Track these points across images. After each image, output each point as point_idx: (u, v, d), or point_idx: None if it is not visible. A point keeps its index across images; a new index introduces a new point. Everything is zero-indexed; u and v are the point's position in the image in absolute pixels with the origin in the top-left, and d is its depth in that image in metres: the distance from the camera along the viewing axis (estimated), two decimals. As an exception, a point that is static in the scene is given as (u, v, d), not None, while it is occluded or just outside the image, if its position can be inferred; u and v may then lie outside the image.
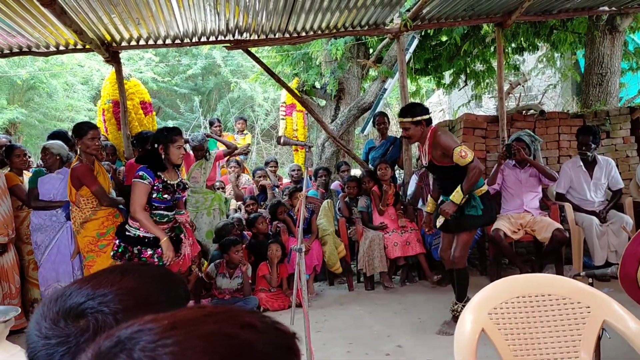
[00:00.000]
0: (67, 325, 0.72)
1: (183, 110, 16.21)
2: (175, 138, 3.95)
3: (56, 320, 0.72)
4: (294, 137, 8.47)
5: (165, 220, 4.07)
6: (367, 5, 5.41)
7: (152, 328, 0.55)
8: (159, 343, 0.53)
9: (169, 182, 3.99)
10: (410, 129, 4.06)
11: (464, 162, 3.87)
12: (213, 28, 5.62)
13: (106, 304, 0.73)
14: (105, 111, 6.54)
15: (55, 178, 4.83)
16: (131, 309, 0.73)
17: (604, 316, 2.08)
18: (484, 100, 13.20)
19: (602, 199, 5.55)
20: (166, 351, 0.52)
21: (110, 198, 4.50)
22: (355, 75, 8.67)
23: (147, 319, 0.57)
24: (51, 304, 0.74)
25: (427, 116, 4.07)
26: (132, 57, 13.76)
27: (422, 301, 5.03)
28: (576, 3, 5.97)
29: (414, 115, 4.04)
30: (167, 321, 0.56)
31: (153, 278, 0.81)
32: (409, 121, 4.05)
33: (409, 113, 4.09)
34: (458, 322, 2.10)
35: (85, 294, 0.74)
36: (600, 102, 7.29)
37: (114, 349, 0.54)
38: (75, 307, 0.73)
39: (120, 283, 0.76)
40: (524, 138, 5.55)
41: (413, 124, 4.04)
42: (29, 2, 4.41)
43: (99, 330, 0.71)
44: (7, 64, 11.97)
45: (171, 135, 3.95)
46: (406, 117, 4.07)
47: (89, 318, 0.72)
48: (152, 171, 3.92)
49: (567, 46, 7.77)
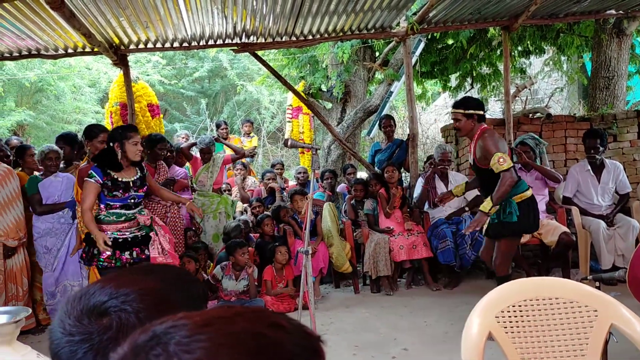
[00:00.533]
0: (90, 322, 0.73)
1: (189, 113, 16.25)
2: (130, 134, 3.89)
3: (80, 317, 0.74)
4: (300, 140, 8.49)
5: (123, 219, 3.98)
6: (373, 8, 5.42)
7: (186, 324, 0.57)
8: (193, 338, 0.55)
9: (119, 180, 3.91)
10: (461, 120, 4.00)
11: (499, 169, 3.77)
12: (220, 31, 5.65)
13: (129, 302, 0.74)
14: (112, 114, 6.58)
15: (55, 181, 4.88)
16: (153, 308, 0.74)
17: (612, 320, 2.08)
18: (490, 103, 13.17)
19: (609, 203, 5.53)
20: (200, 346, 0.54)
21: None
22: (362, 78, 8.68)
23: (180, 316, 0.59)
24: (75, 302, 0.76)
25: (480, 112, 4.01)
26: (139, 60, 13.82)
27: (428, 304, 5.03)
28: (583, 6, 5.96)
29: (467, 108, 3.99)
30: (200, 318, 0.58)
31: (174, 278, 0.83)
32: (461, 112, 4.00)
33: (462, 104, 4.04)
34: (465, 326, 2.10)
35: (109, 293, 0.75)
36: (607, 106, 7.27)
37: (150, 342, 0.56)
38: (99, 305, 0.75)
39: (143, 283, 0.78)
40: (528, 142, 5.54)
41: (465, 116, 3.98)
42: (39, 5, 4.45)
43: (121, 328, 0.72)
44: (15, 66, 12.05)
45: (126, 132, 3.90)
46: (459, 108, 4.03)
47: (112, 316, 0.73)
48: (100, 169, 3.86)
49: (573, 49, 7.76)
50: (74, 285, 4.81)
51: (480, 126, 4.00)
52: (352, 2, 5.19)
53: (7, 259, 4.65)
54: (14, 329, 1.81)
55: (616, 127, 6.51)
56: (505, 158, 3.77)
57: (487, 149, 3.84)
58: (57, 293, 4.78)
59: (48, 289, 4.79)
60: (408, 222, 5.73)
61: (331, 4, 5.16)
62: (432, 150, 8.18)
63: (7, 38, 5.26)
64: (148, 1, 4.64)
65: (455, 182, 5.85)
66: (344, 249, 5.60)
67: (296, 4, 5.06)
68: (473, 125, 4.00)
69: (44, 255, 4.80)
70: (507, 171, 3.76)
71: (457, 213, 5.69)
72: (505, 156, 3.78)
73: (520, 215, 3.87)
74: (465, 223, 5.48)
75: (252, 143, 8.45)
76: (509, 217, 3.87)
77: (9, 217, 4.64)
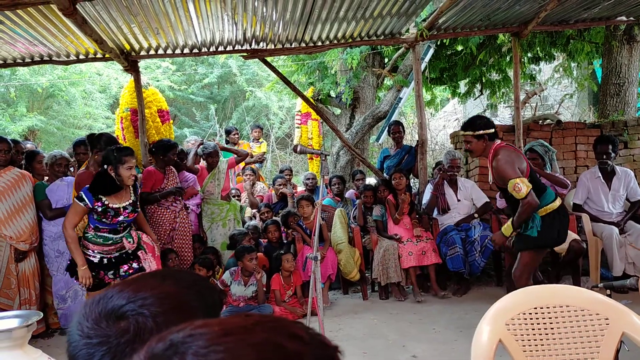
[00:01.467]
0: (108, 325, 0.74)
1: (199, 119, 16.34)
2: (125, 159, 3.77)
3: (98, 320, 0.75)
4: (309, 146, 8.50)
5: (110, 243, 3.93)
6: (383, 15, 5.44)
7: (204, 333, 0.57)
8: (211, 349, 0.54)
9: (109, 206, 3.81)
10: (472, 142, 3.90)
11: (518, 197, 3.68)
12: (230, 38, 5.68)
13: (147, 307, 0.75)
14: (123, 119, 6.62)
15: (62, 185, 4.92)
16: (170, 313, 0.75)
17: (623, 328, 2.06)
18: (500, 109, 13.16)
19: (620, 210, 5.49)
20: (218, 357, 0.54)
21: None
22: (371, 84, 8.70)
23: (198, 324, 0.59)
24: (93, 305, 0.77)
25: (490, 130, 3.88)
26: (149, 66, 13.93)
27: (437, 311, 5.01)
28: (593, 13, 5.94)
29: (475, 129, 3.88)
30: (218, 327, 0.58)
31: (191, 284, 0.84)
32: (470, 134, 3.90)
33: (470, 126, 3.93)
34: (475, 333, 2.10)
35: (127, 297, 0.76)
36: (618, 112, 7.23)
37: (167, 351, 0.56)
38: (117, 308, 0.75)
39: (160, 288, 0.79)
40: (537, 148, 5.52)
41: (475, 137, 3.88)
42: (51, 12, 4.50)
43: (139, 332, 0.73)
44: (28, 72, 12.18)
45: (120, 156, 3.77)
46: (467, 130, 3.93)
47: (130, 320, 0.74)
48: (91, 194, 3.75)
49: (583, 56, 7.74)
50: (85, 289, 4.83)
51: (492, 144, 3.89)
52: (362, 9, 5.20)
53: (19, 263, 4.69)
54: (26, 332, 1.83)
55: (627, 134, 6.47)
56: (521, 184, 3.64)
57: (501, 174, 3.74)
58: (67, 297, 4.81)
59: (58, 292, 4.82)
60: (417, 228, 5.72)
61: (340, 10, 5.17)
62: (441, 157, 8.16)
63: (20, 44, 5.32)
64: (159, 8, 4.68)
65: (464, 188, 5.83)
66: (353, 256, 5.60)
67: (306, 11, 5.08)
68: (485, 145, 3.89)
69: (56, 258, 4.83)
70: (525, 198, 3.67)
71: (466, 220, 5.67)
72: (521, 182, 3.65)
73: (542, 229, 3.77)
74: (475, 230, 5.47)
75: (261, 149, 8.47)
76: (530, 231, 3.79)
77: (23, 221, 4.68)
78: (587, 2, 5.53)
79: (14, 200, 4.66)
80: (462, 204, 5.78)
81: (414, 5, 5.28)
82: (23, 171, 4.92)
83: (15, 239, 4.62)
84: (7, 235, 4.60)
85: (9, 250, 4.65)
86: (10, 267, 4.65)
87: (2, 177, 4.67)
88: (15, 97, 12.54)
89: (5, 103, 12.84)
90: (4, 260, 4.65)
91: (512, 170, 3.69)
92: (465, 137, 3.97)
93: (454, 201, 5.78)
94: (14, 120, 12.36)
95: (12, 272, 4.66)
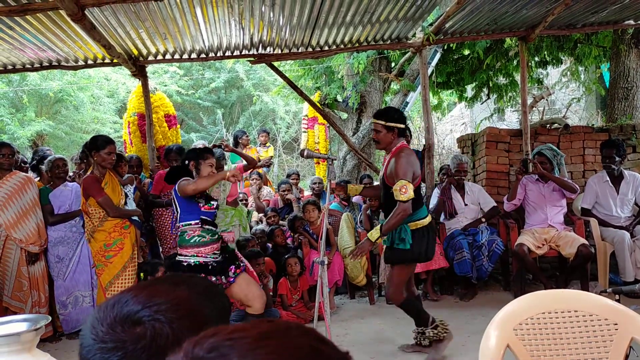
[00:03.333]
0: (124, 330, 0.75)
1: (206, 123, 16.39)
2: (207, 155, 3.95)
3: (113, 325, 0.75)
4: (316, 150, 8.51)
5: (216, 238, 3.90)
6: (389, 19, 5.44)
7: (244, 337, 0.58)
8: (256, 351, 0.56)
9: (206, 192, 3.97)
10: (381, 132, 3.76)
11: (397, 197, 3.55)
12: (237, 42, 5.71)
13: (162, 312, 0.75)
14: (130, 124, 6.66)
15: (65, 190, 4.96)
16: (185, 319, 0.75)
17: (632, 334, 2.05)
18: (507, 113, 13.10)
19: (628, 215, 5.45)
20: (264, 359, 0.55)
21: (119, 209, 4.55)
22: (377, 88, 8.69)
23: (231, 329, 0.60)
24: (107, 309, 0.77)
25: (401, 125, 3.78)
26: (157, 71, 13.99)
27: (444, 316, 4.95)
28: (601, 17, 5.92)
29: (389, 120, 3.74)
30: (256, 332, 0.59)
31: (203, 289, 0.84)
32: (381, 124, 3.75)
33: (384, 115, 3.79)
34: (483, 338, 2.09)
35: (141, 302, 0.77)
36: (626, 116, 7.19)
37: (210, 354, 0.57)
38: (132, 314, 0.76)
39: (174, 293, 0.79)
40: (546, 152, 5.49)
41: (385, 128, 3.74)
42: (60, 17, 4.54)
43: (155, 338, 0.73)
44: (39, 77, 12.28)
45: (204, 154, 3.96)
46: (380, 119, 3.78)
47: (146, 325, 0.74)
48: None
49: (591, 60, 7.70)
50: (85, 296, 4.86)
51: (399, 142, 3.79)
52: (368, 14, 5.21)
53: (31, 266, 4.72)
54: (34, 336, 1.84)
55: (635, 138, 6.44)
56: (408, 188, 3.54)
57: (396, 170, 3.63)
58: (68, 303, 4.83)
59: (59, 298, 4.83)
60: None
61: (347, 15, 5.19)
62: (448, 161, 8.15)
63: (29, 50, 5.37)
64: (167, 13, 4.71)
65: (471, 192, 5.82)
66: (359, 260, 5.58)
67: (312, 16, 5.10)
68: (393, 139, 3.77)
69: (56, 264, 4.86)
70: (404, 202, 3.56)
71: (473, 224, 5.65)
72: (409, 186, 3.55)
73: (413, 243, 3.68)
74: (482, 234, 5.45)
75: (268, 153, 8.48)
76: (402, 243, 3.68)
77: (31, 224, 4.72)
78: (595, 6, 5.52)
79: (21, 204, 4.70)
80: (469, 209, 5.76)
81: (420, 9, 5.29)
82: (28, 175, 4.96)
83: (25, 242, 4.67)
84: (17, 238, 4.63)
85: (19, 253, 4.69)
86: (22, 270, 4.69)
87: (8, 181, 4.70)
88: (27, 103, 12.62)
89: (14, 108, 12.93)
90: (14, 263, 4.69)
91: (408, 173, 3.61)
92: (375, 126, 3.81)
93: (461, 205, 5.76)
94: (22, 125, 12.44)
95: (23, 275, 4.70)
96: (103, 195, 4.42)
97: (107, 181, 4.53)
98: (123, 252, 4.50)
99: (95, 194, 4.41)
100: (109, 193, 4.47)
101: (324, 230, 3.81)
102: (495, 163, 6.50)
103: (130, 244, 4.56)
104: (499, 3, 5.20)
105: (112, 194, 4.51)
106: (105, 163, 4.46)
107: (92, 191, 4.41)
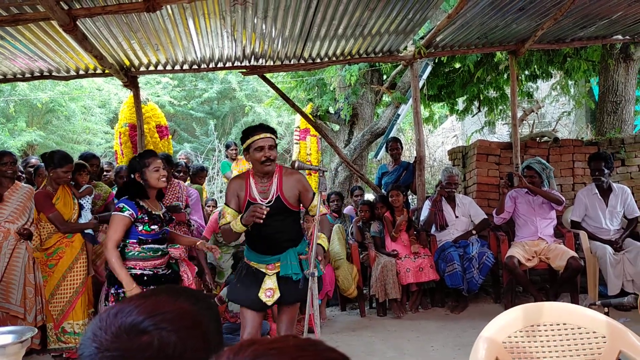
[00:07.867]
0: (129, 339, 0.75)
1: (198, 134, 16.38)
2: (148, 161, 3.50)
3: (118, 334, 0.75)
4: (307, 162, 8.51)
5: (159, 254, 3.60)
6: (381, 33, 5.48)
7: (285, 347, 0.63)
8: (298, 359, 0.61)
9: (153, 212, 3.54)
10: (274, 148, 3.31)
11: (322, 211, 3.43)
12: (230, 54, 5.72)
13: (167, 322, 0.76)
14: (122, 134, 6.65)
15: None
16: (189, 329, 0.76)
17: (620, 347, 2.06)
18: (497, 126, 13.20)
19: (617, 227, 5.49)
20: None
21: (69, 225, 4.53)
22: (369, 100, 8.74)
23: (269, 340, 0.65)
24: (110, 318, 0.77)
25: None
26: (149, 82, 14.00)
27: (435, 328, 4.98)
28: (590, 32, 6.00)
29: (276, 136, 3.39)
30: (293, 343, 0.65)
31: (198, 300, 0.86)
32: (275, 139, 3.34)
33: (273, 131, 3.36)
34: (472, 350, 2.09)
35: (146, 312, 0.77)
36: (615, 130, 7.27)
37: None
38: (137, 323, 0.76)
39: (176, 304, 0.81)
40: (534, 166, 5.52)
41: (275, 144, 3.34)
42: (52, 28, 4.54)
43: (162, 347, 0.74)
44: (27, 87, 12.23)
45: (144, 159, 3.52)
46: (274, 134, 3.34)
47: (153, 334, 0.75)
48: (133, 202, 3.46)
49: (580, 74, 7.79)
50: None
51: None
52: (360, 27, 5.25)
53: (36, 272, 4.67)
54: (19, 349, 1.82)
55: (624, 152, 6.50)
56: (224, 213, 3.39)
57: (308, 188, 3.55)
58: None
59: None
60: (415, 245, 5.70)
61: (339, 28, 5.22)
62: (439, 173, 8.18)
63: (20, 59, 5.36)
64: (159, 24, 4.72)
65: (462, 205, 5.83)
66: (350, 272, 5.57)
67: (305, 28, 5.13)
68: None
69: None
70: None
71: (464, 236, 5.66)
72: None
73: None
74: (473, 246, 5.46)
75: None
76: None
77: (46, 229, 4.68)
78: (583, 22, 5.59)
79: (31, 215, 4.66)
80: (460, 221, 5.78)
81: (411, 23, 5.33)
82: (29, 186, 4.91)
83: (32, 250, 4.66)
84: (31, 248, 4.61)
85: (27, 260, 4.61)
86: (29, 277, 4.62)
87: (16, 193, 4.57)
88: (14, 112, 12.56)
89: (4, 118, 12.87)
90: (22, 271, 4.61)
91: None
92: (271, 141, 3.30)
93: (452, 218, 5.78)
94: (13, 135, 12.38)
95: (30, 282, 4.64)
96: (53, 211, 4.43)
97: (59, 196, 4.52)
98: (63, 260, 4.49)
99: (46, 209, 4.44)
100: (60, 208, 4.48)
101: (314, 242, 3.80)
102: (485, 175, 6.53)
103: (71, 254, 4.52)
104: (489, 17, 5.26)
105: (63, 208, 4.50)
106: (60, 180, 4.46)
107: (41, 207, 4.46)
